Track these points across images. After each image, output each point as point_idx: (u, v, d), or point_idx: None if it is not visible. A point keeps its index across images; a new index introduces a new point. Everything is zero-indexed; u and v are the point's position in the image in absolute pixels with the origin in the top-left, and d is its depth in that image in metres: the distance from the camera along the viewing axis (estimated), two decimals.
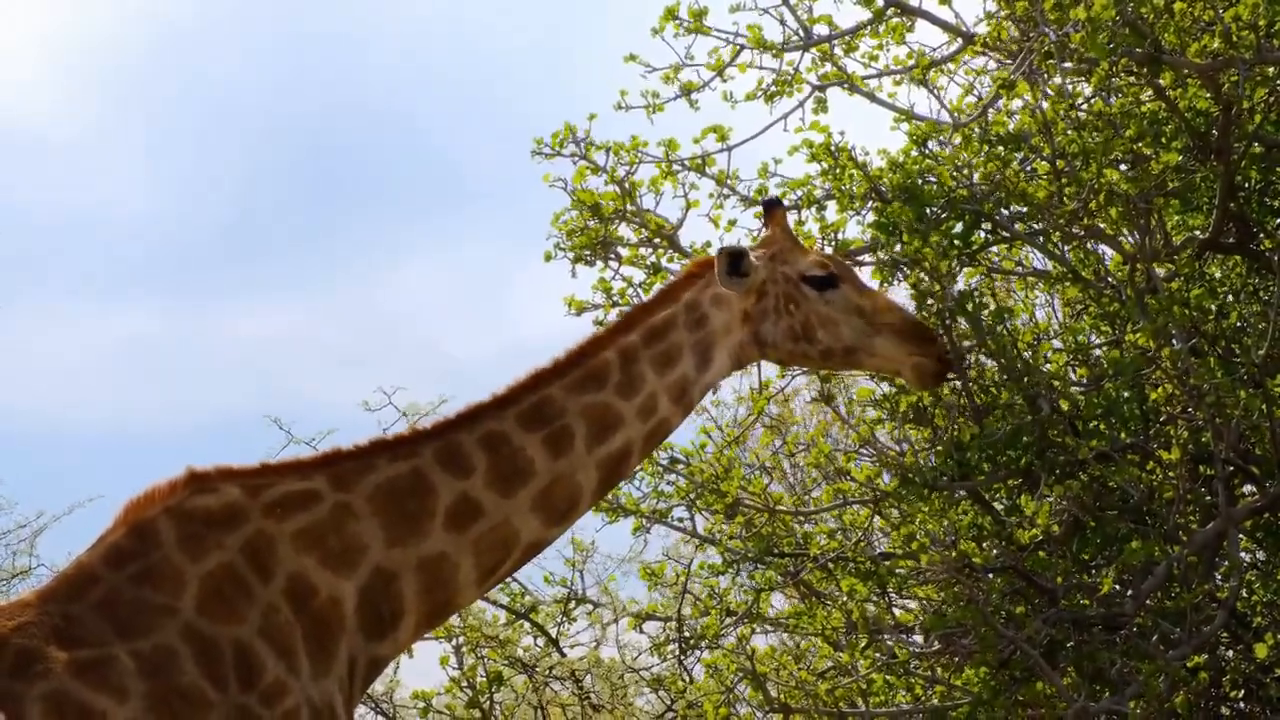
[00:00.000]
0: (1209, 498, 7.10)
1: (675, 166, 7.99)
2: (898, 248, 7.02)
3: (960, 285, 7.24)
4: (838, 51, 8.17)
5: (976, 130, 7.33)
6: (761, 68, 8.17)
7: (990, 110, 7.63)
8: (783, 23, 8.18)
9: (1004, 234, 7.49)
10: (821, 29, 8.19)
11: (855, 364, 6.03)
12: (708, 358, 5.67)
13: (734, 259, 5.67)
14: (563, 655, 11.04)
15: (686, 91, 8.14)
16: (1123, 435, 7.01)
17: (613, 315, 7.75)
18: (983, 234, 7.46)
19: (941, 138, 7.53)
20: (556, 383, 5.39)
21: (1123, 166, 7.20)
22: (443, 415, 5.36)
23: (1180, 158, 7.16)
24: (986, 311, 7.08)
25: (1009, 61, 7.64)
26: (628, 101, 8.05)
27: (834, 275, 5.84)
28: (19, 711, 4.21)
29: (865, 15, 8.22)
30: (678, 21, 8.11)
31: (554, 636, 11.07)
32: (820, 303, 5.80)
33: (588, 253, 7.81)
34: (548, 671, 10.94)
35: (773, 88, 8.14)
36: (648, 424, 5.52)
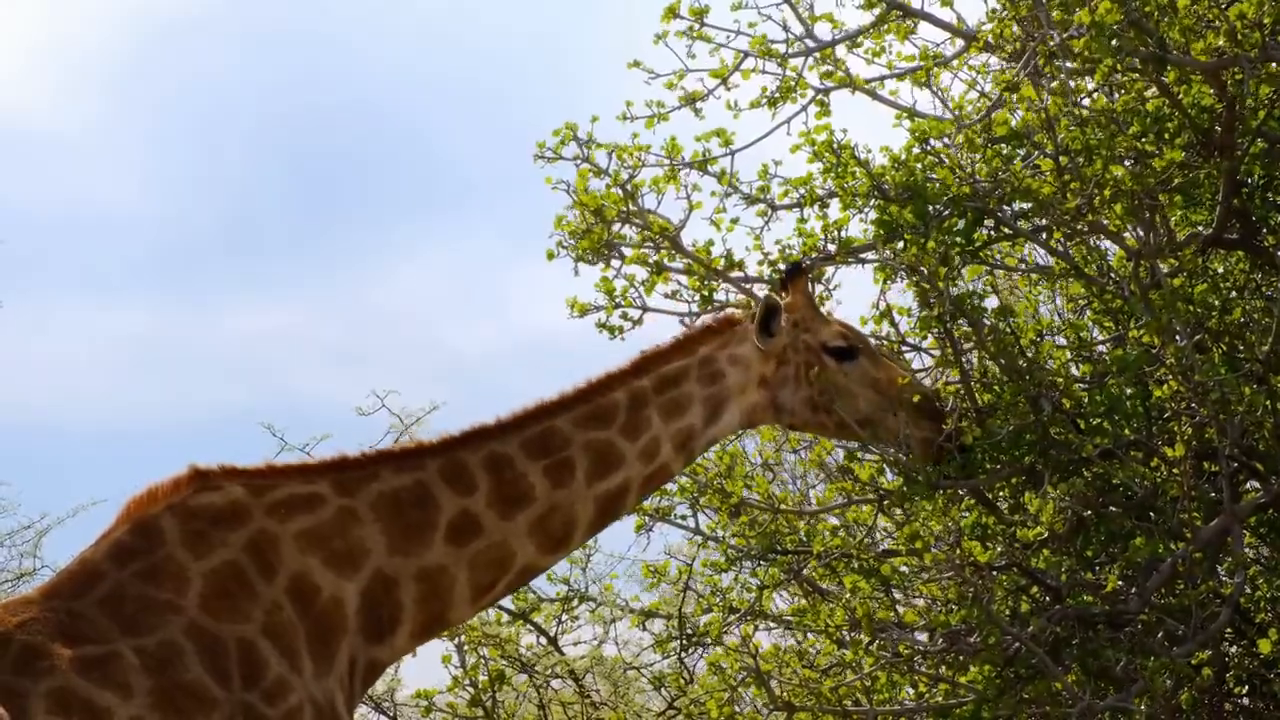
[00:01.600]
0: (1213, 494, 7.08)
1: (677, 166, 7.97)
2: (899, 246, 7.01)
3: (962, 285, 7.22)
4: (840, 53, 8.15)
5: (979, 131, 7.31)
6: (765, 72, 8.15)
7: (993, 110, 7.60)
8: (785, 27, 8.16)
9: (1006, 231, 7.48)
10: (823, 28, 8.17)
11: (868, 436, 6.10)
12: (718, 413, 5.73)
13: (769, 313, 5.69)
14: (561, 655, 11.03)
15: (691, 100, 8.13)
16: (1126, 432, 7.00)
17: (615, 317, 7.71)
18: (986, 230, 7.44)
19: (945, 136, 7.51)
20: (563, 415, 5.46)
21: (1126, 163, 7.18)
22: (446, 431, 5.40)
23: (1183, 154, 7.15)
24: (989, 310, 7.06)
25: (1013, 64, 7.61)
26: (632, 112, 8.04)
27: (854, 347, 5.90)
28: (24, 707, 4.21)
29: (867, 19, 8.20)
30: (679, 20, 8.08)
31: (553, 636, 11.06)
32: (839, 374, 5.86)
33: (590, 254, 7.80)
34: (549, 670, 10.93)
35: (776, 94, 8.12)
36: (648, 467, 5.60)
